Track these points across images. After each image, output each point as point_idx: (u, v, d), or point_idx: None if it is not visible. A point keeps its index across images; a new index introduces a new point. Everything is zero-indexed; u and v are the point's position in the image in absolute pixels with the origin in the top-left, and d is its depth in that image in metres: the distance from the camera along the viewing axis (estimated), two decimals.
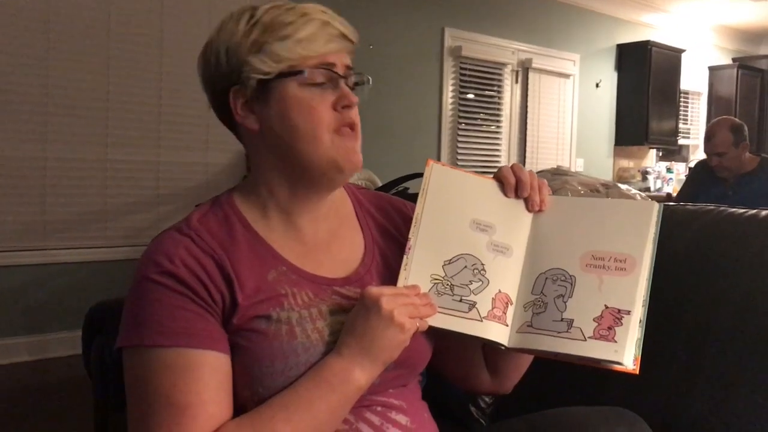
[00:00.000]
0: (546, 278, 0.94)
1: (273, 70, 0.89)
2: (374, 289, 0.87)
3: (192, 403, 0.81)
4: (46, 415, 2.83)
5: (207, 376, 0.83)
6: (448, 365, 1.09)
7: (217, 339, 0.85)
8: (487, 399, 1.42)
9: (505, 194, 0.99)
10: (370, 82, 0.97)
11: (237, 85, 0.91)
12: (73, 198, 3.68)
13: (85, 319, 1.63)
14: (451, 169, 1.00)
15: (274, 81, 0.89)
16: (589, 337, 0.88)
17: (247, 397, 0.86)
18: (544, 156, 6.09)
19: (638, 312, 0.88)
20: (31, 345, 3.58)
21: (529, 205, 0.99)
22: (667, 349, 1.17)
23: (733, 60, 8.07)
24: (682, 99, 7.27)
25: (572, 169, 5.50)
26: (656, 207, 0.95)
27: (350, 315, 0.88)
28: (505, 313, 0.93)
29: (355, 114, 0.93)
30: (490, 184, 1.00)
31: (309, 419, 0.83)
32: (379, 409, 0.92)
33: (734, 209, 1.24)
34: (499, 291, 0.94)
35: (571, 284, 0.92)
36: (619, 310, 0.88)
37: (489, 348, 1.02)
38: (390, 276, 0.96)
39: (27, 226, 3.56)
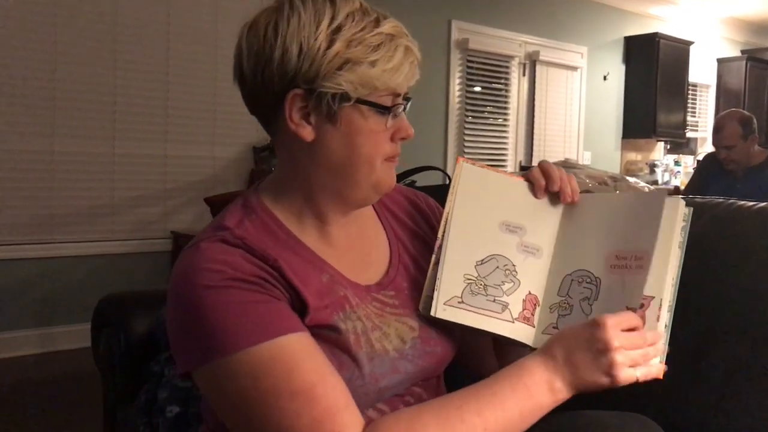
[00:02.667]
0: (572, 280, 0.93)
1: (355, 94, 0.84)
2: (610, 333, 0.81)
3: (317, 382, 0.77)
4: (55, 407, 2.85)
5: (314, 354, 0.80)
6: (461, 357, 1.08)
7: (300, 322, 0.83)
8: None
9: (535, 195, 0.98)
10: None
11: (298, 89, 0.84)
12: (80, 191, 3.70)
13: (94, 312, 1.63)
14: (481, 168, 0.99)
15: (350, 102, 0.85)
16: None
17: None
18: (551, 149, 6.07)
19: (664, 316, 0.87)
20: (40, 338, 3.60)
21: (561, 197, 0.98)
22: (673, 345, 1.17)
23: (742, 52, 8.02)
24: (690, 91, 7.23)
25: (580, 162, 5.49)
26: (678, 202, 0.91)
27: (572, 332, 0.84)
28: (533, 315, 0.93)
29: None
30: (520, 185, 0.99)
31: (501, 418, 0.80)
32: (411, 400, 0.92)
33: (743, 202, 1.23)
34: (529, 292, 0.94)
35: (597, 286, 0.90)
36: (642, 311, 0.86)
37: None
38: (419, 274, 0.96)
39: (35, 220, 3.58)
